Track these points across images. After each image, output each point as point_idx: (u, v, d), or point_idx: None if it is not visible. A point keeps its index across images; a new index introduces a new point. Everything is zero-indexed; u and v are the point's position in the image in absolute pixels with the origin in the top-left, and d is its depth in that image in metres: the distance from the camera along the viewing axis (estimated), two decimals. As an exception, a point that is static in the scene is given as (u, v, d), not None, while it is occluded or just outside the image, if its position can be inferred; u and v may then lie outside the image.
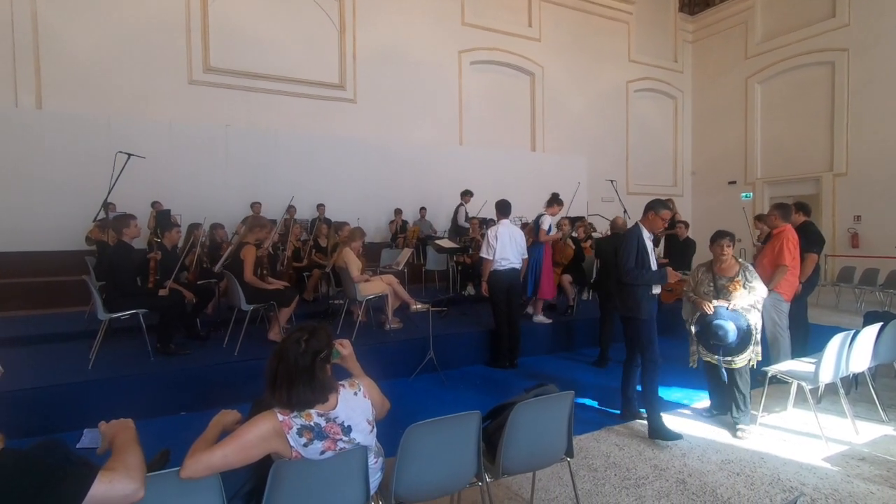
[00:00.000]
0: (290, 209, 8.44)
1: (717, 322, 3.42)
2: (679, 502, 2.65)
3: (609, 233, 5.71)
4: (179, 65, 8.94)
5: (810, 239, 4.70)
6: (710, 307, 3.46)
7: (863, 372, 3.75)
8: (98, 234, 6.19)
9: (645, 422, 3.56)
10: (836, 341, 3.32)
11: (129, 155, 5.37)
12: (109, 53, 8.45)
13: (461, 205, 9.50)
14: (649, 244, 3.60)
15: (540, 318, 5.97)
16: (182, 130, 8.79)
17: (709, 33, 14.80)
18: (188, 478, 1.43)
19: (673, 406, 4.10)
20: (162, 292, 4.51)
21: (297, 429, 1.56)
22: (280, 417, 1.55)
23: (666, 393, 4.39)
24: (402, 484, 1.87)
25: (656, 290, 3.62)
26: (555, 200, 5.92)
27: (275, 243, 6.46)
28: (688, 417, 3.87)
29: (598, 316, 5.51)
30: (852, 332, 3.48)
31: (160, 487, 1.47)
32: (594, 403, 4.16)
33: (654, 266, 3.59)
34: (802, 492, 2.72)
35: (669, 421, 3.76)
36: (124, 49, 8.54)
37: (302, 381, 1.57)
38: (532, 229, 5.91)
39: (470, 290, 7.74)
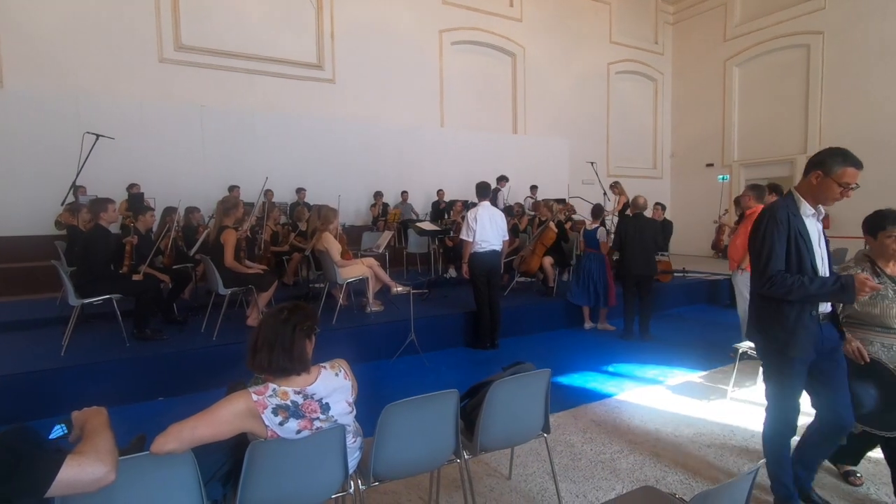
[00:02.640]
0: (268, 192, 8.30)
1: None
2: (652, 475, 2.74)
3: (631, 212, 5.75)
4: (149, 43, 8.61)
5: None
6: None
7: (828, 347, 3.89)
8: (68, 218, 6.01)
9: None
10: (803, 318, 3.42)
11: (98, 136, 5.17)
12: (74, 30, 8.09)
13: (498, 189, 9.59)
14: (813, 228, 2.13)
15: (606, 325, 6.06)
16: (154, 110, 8.52)
17: (689, 15, 14.82)
18: (158, 452, 1.42)
19: (650, 382, 4.20)
20: (136, 277, 4.42)
21: (273, 408, 1.55)
22: (255, 398, 1.54)
23: (642, 370, 4.52)
24: (380, 462, 1.89)
25: (824, 306, 2.15)
26: (600, 212, 6.08)
27: (252, 226, 6.36)
28: (663, 393, 3.97)
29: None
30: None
31: (134, 471, 1.46)
32: (573, 382, 4.24)
33: (823, 266, 2.12)
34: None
35: (647, 396, 3.87)
36: (90, 25, 8.18)
37: (281, 347, 1.61)
38: (584, 243, 6.10)
39: (452, 272, 7.78)
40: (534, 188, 10.59)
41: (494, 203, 9.55)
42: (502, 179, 9.77)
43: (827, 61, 11.56)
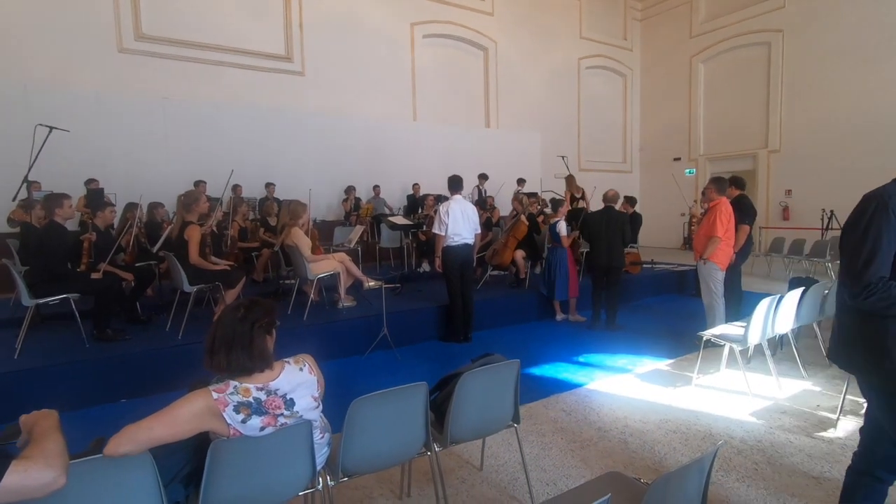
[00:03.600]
0: (236, 188, 8.10)
1: None
2: (620, 461, 2.80)
3: (604, 205, 5.79)
4: (107, 31, 8.24)
5: (744, 211, 4.98)
6: None
7: (787, 333, 4.05)
8: (21, 215, 5.73)
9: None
10: (763, 306, 3.56)
11: (51, 128, 4.93)
12: (24, 15, 7.68)
13: (478, 187, 9.62)
14: None
15: (577, 317, 6.10)
16: (113, 102, 8.17)
17: (656, 12, 15.11)
18: (111, 454, 1.36)
19: (619, 371, 4.29)
20: (95, 275, 4.26)
21: (234, 406, 1.51)
22: (215, 395, 1.50)
23: (611, 359, 4.61)
24: (348, 457, 1.86)
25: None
26: (559, 204, 6.16)
27: (219, 222, 6.19)
28: (631, 381, 4.06)
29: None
30: (778, 296, 3.73)
31: (87, 475, 1.40)
32: (544, 372, 4.29)
33: None
34: (730, 444, 2.94)
35: (616, 384, 3.95)
36: (42, 11, 7.77)
37: (240, 346, 1.56)
38: (550, 237, 6.12)
39: (425, 266, 7.76)
40: (521, 181, 10.47)
41: (475, 200, 9.63)
42: (482, 177, 9.80)
43: (786, 59, 11.98)
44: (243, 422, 1.53)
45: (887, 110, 10.26)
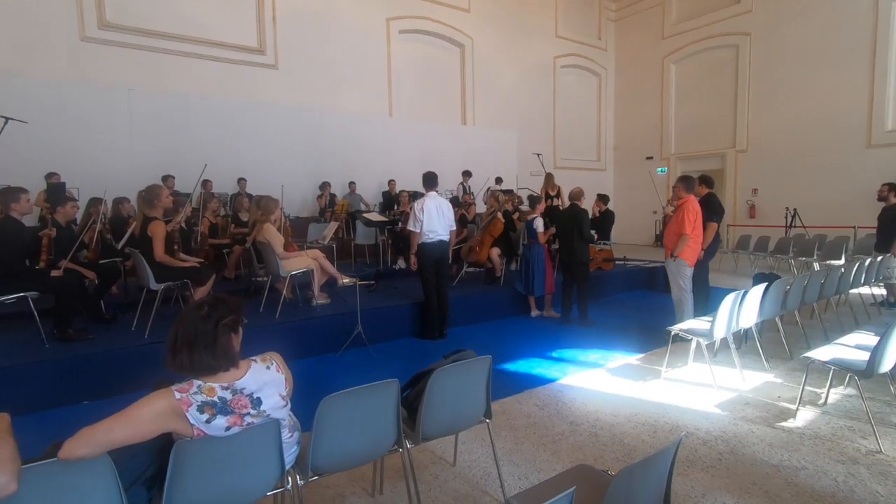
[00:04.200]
0: (207, 183, 7.90)
1: None
2: (591, 453, 2.85)
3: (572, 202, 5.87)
4: (69, 19, 7.90)
5: (712, 209, 5.11)
6: None
7: (751, 327, 4.18)
8: (-25, 210, 5.46)
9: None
10: (728, 301, 3.67)
11: (7, 119, 4.72)
12: (-21, 1, 7.31)
13: (461, 183, 9.65)
14: None
15: (551, 313, 6.14)
16: (75, 93, 7.85)
17: (630, 13, 15.36)
18: (67, 458, 1.31)
19: (591, 366, 4.36)
20: (55, 273, 4.09)
21: (198, 405, 1.48)
22: (177, 395, 1.46)
23: (584, 354, 4.68)
24: (318, 456, 1.84)
25: None
26: (537, 201, 6.21)
27: (188, 218, 6.03)
28: (603, 376, 4.13)
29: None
30: (742, 292, 3.85)
31: (41, 479, 1.35)
32: (518, 368, 4.33)
33: None
34: (696, 435, 3.02)
35: (588, 379, 4.02)
36: (-3, -3, 7.42)
37: (203, 345, 1.51)
38: (526, 233, 6.13)
39: (401, 263, 7.73)
40: (499, 180, 10.53)
41: (456, 197, 9.67)
42: (466, 174, 9.79)
43: (753, 61, 12.34)
44: (208, 422, 1.49)
45: (848, 112, 10.69)
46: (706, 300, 5.22)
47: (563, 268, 5.90)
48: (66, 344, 3.96)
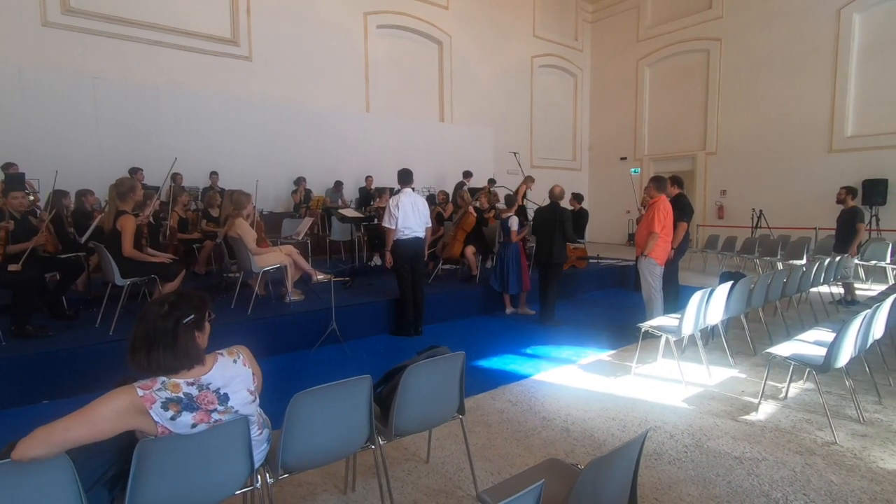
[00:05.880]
0: (177, 177, 7.69)
1: None
2: (562, 448, 2.89)
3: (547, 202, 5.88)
4: (29, 3, 7.56)
5: (682, 209, 5.24)
6: None
7: (717, 324, 4.31)
8: (-75, 200, 5.18)
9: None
10: (695, 298, 3.77)
11: (-38, 106, 4.49)
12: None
13: (463, 184, 9.50)
14: None
15: (526, 310, 6.16)
16: (36, 80, 7.51)
17: (606, 15, 15.60)
18: (21, 458, 1.26)
19: (564, 362, 4.43)
20: (13, 267, 3.92)
21: (162, 402, 1.44)
22: (140, 392, 1.42)
23: (557, 351, 4.75)
24: (289, 453, 1.82)
25: None
26: (513, 201, 6.23)
27: (156, 212, 5.85)
28: (575, 372, 4.20)
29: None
30: (709, 290, 3.96)
31: (-6, 481, 1.29)
32: (492, 365, 4.37)
33: None
34: (663, 429, 3.10)
35: (561, 375, 4.08)
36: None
37: (162, 344, 1.46)
38: (501, 232, 6.15)
39: (376, 260, 7.69)
40: (467, 174, 10.49)
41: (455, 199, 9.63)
42: (468, 175, 9.77)
43: (723, 66, 12.69)
44: (173, 419, 1.45)
45: (811, 118, 11.10)
46: (676, 298, 5.35)
47: (539, 267, 5.92)
48: (25, 341, 3.81)
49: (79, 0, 7.91)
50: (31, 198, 5.13)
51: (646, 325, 4.04)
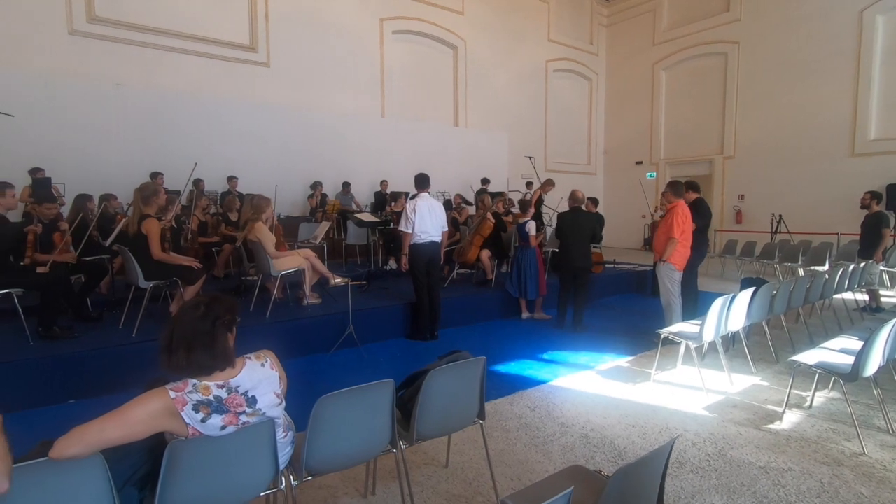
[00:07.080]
0: (199, 182, 7.82)
1: None
2: (582, 455, 2.87)
3: (569, 206, 5.80)
4: (57, 11, 7.78)
5: (700, 214, 5.19)
6: None
7: (738, 331, 4.25)
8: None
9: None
10: (716, 305, 3.72)
11: (-6, 112, 4.64)
12: (-36, -8, 7.17)
13: (484, 190, 9.51)
14: None
15: (542, 315, 6.16)
16: (63, 87, 7.72)
17: (622, 18, 15.52)
18: (58, 457, 1.30)
19: (582, 368, 4.39)
20: (41, 270, 4.02)
21: (193, 405, 1.46)
22: (172, 395, 1.45)
23: (574, 357, 4.71)
24: (313, 456, 1.83)
25: None
26: (528, 205, 6.17)
27: (178, 216, 5.96)
28: (593, 378, 4.16)
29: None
30: (731, 296, 3.91)
31: (32, 479, 1.33)
32: (510, 370, 4.35)
33: None
34: (685, 437, 3.06)
35: (579, 381, 4.05)
36: (-17, -12, 7.28)
37: (202, 344, 1.49)
38: (518, 236, 6.14)
39: (392, 264, 7.71)
40: (486, 181, 10.53)
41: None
42: (485, 181, 9.78)
43: (741, 69, 12.54)
44: (203, 421, 1.48)
45: (832, 121, 10.91)
46: (695, 304, 5.29)
47: (563, 272, 5.79)
48: (51, 342, 3.89)
49: (104, 9, 8.12)
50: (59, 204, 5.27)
51: (665, 332, 3.99)
